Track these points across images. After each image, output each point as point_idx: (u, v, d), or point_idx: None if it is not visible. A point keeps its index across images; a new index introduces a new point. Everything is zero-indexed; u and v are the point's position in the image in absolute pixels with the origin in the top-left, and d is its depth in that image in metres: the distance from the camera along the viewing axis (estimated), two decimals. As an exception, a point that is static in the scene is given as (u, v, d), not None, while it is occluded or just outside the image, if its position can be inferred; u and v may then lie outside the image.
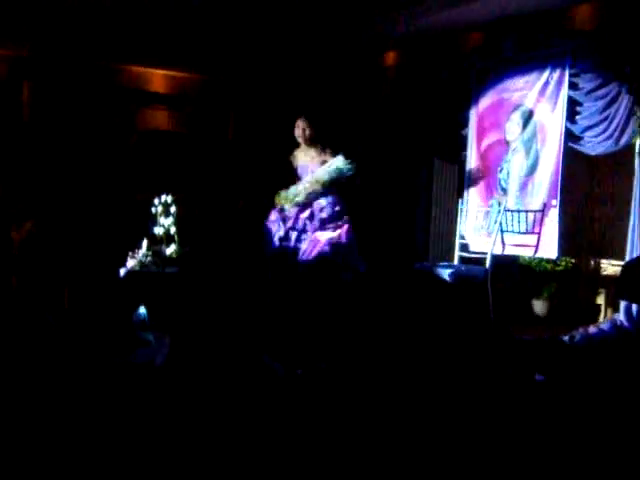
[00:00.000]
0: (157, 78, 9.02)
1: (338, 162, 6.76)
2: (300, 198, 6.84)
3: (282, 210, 6.96)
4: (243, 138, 9.27)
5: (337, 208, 6.83)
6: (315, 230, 6.77)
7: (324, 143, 6.93)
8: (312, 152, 6.96)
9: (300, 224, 6.87)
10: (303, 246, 6.77)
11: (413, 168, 8.07)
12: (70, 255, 7.19)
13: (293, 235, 6.86)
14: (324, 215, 6.77)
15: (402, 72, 8.26)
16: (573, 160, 6.63)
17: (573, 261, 6.92)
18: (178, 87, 9.12)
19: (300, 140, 6.98)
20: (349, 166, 6.71)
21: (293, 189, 6.92)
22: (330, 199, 6.83)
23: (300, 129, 6.93)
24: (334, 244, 6.61)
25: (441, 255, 7.77)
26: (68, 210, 8.06)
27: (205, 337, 5.28)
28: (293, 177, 7.21)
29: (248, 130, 9.27)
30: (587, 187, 6.95)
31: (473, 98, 7.37)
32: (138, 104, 8.92)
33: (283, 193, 6.98)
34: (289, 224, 6.89)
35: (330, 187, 6.82)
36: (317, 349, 5.17)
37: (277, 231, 6.90)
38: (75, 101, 8.50)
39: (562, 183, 6.56)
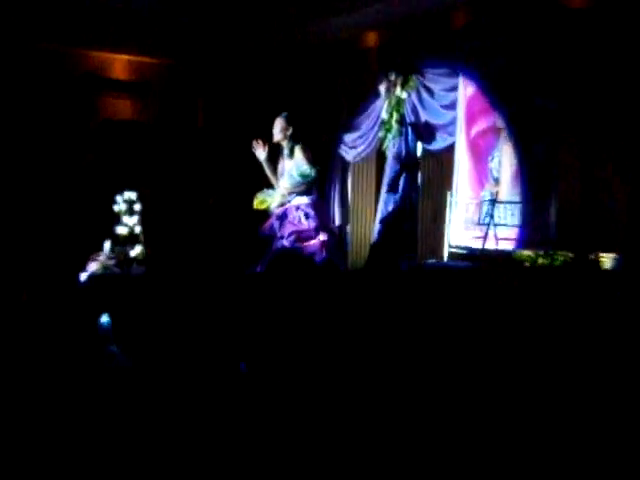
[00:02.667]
0: (119, 63, 9.01)
1: (294, 170, 7.22)
2: (276, 203, 7.29)
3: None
4: (214, 128, 9.27)
5: (312, 213, 7.24)
6: (288, 229, 7.16)
7: (296, 141, 7.28)
8: (286, 151, 7.37)
9: (276, 223, 7.28)
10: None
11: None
12: (25, 258, 7.11)
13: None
14: (296, 212, 7.23)
15: (382, 53, 8.23)
16: (567, 147, 6.61)
17: (571, 255, 6.85)
18: (142, 73, 9.13)
19: (274, 137, 7.35)
20: (307, 172, 7.17)
21: (271, 192, 7.38)
22: (307, 200, 7.30)
23: (275, 127, 7.33)
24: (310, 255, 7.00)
25: (430, 251, 7.74)
26: (23, 209, 8.04)
27: (174, 345, 5.18)
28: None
29: (219, 119, 9.27)
30: (583, 175, 6.86)
31: (461, 80, 7.28)
32: (98, 92, 8.90)
33: (260, 196, 7.38)
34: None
35: (304, 190, 7.28)
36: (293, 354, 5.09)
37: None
38: (30, 89, 8.45)
39: (556, 172, 6.56)
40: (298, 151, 7.19)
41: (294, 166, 7.20)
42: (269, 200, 7.31)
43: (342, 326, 5.66)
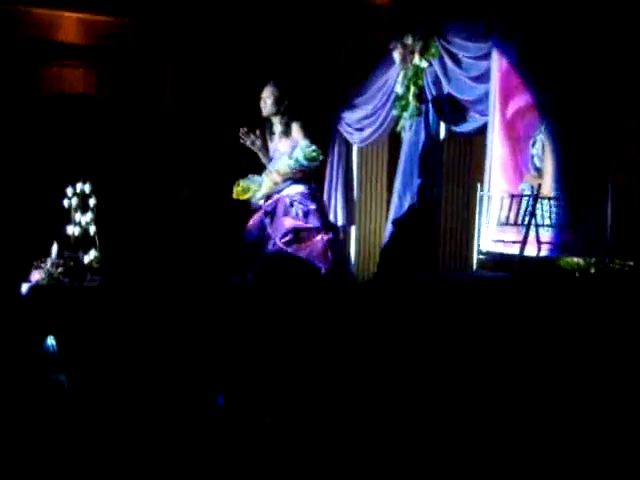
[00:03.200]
0: (68, 23, 8.95)
1: (298, 152, 7.20)
2: (263, 192, 7.29)
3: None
4: (186, 104, 9.27)
5: (312, 206, 7.24)
6: (283, 226, 7.16)
7: (292, 117, 7.28)
8: (279, 130, 7.37)
9: (261, 214, 7.36)
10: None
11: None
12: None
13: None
14: (290, 205, 7.23)
15: (397, 12, 8.29)
16: (629, 131, 6.68)
17: (631, 264, 6.87)
18: (97, 36, 9.06)
19: (262, 111, 7.35)
20: (312, 155, 7.14)
21: (257, 179, 7.36)
22: (303, 189, 7.28)
23: (263, 99, 7.32)
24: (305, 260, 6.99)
25: (455, 259, 7.86)
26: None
27: (135, 374, 5.23)
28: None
29: (192, 93, 9.26)
30: None
31: (496, 47, 7.26)
32: (42, 59, 8.89)
33: (243, 183, 7.38)
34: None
35: (301, 177, 7.28)
36: (290, 387, 5.10)
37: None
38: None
39: (614, 162, 6.59)
40: (297, 129, 7.21)
41: (296, 147, 7.19)
42: (254, 188, 7.30)
43: (349, 352, 5.65)
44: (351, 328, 6.13)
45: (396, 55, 7.84)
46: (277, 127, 7.34)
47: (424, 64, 7.80)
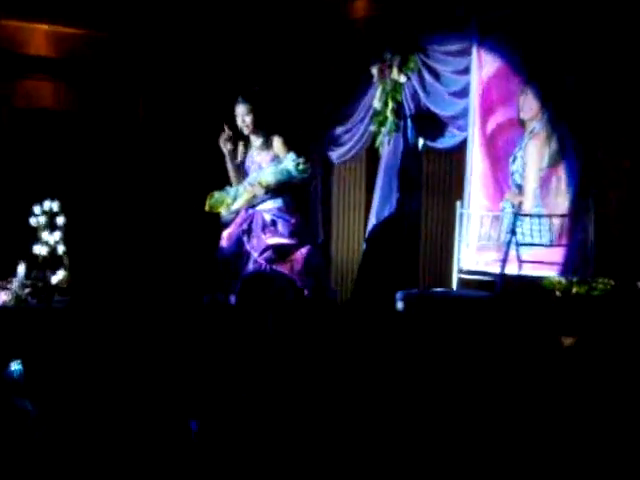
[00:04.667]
0: (38, 36, 8.86)
1: (287, 162, 7.14)
2: (238, 204, 7.18)
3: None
4: (159, 120, 9.22)
5: (292, 220, 7.23)
6: (262, 241, 7.12)
7: (271, 130, 7.27)
8: (258, 143, 7.32)
9: (238, 231, 7.27)
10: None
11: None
12: None
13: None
14: (268, 220, 7.19)
15: (374, 26, 8.26)
16: (611, 144, 6.67)
17: (613, 283, 6.82)
18: (66, 48, 8.95)
19: (243, 130, 7.31)
20: (303, 167, 7.11)
21: (231, 191, 7.26)
22: (280, 203, 7.22)
23: (239, 117, 7.25)
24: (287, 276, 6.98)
25: (435, 278, 7.86)
26: None
27: (106, 399, 5.08)
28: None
29: (166, 109, 9.23)
30: (633, 182, 6.85)
31: (475, 60, 7.28)
32: (10, 73, 8.77)
33: (217, 195, 7.27)
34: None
35: (277, 191, 7.19)
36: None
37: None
38: None
39: (595, 177, 6.61)
40: (279, 143, 7.18)
41: (281, 159, 7.15)
42: (227, 201, 7.22)
43: (331, 373, 5.59)
44: (334, 348, 6.08)
45: (374, 69, 7.83)
46: (256, 141, 7.29)
47: (402, 79, 7.84)
